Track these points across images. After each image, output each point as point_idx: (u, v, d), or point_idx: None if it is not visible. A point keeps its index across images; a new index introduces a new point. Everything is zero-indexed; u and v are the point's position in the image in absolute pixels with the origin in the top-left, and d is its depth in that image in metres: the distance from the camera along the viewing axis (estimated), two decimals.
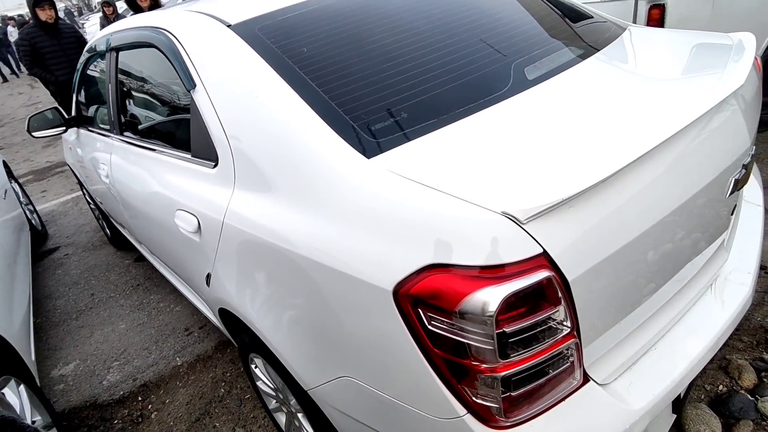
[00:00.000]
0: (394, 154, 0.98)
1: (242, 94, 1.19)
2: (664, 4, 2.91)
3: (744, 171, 1.13)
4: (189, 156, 1.45)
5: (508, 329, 0.75)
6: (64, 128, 2.68)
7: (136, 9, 4.22)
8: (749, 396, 1.60)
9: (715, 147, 1.05)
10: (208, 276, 1.48)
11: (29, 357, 2.08)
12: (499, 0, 1.54)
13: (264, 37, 1.25)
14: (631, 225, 0.86)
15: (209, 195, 1.33)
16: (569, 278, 0.79)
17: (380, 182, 0.91)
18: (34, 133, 2.62)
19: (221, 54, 1.28)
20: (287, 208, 1.06)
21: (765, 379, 1.65)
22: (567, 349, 0.83)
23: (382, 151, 0.98)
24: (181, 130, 1.54)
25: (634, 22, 3.11)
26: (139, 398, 2.18)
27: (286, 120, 1.08)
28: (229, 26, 1.30)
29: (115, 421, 2.09)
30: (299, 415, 1.49)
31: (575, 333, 0.83)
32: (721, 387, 1.67)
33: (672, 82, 1.16)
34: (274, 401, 1.68)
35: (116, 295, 3.00)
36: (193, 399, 2.11)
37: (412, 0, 1.41)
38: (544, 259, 0.76)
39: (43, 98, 9.62)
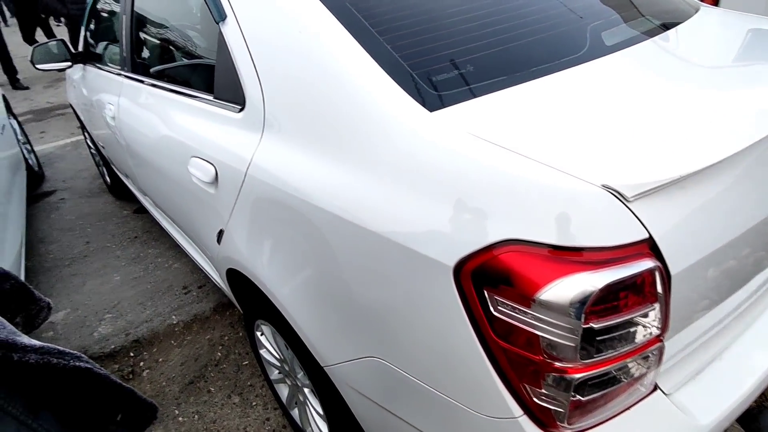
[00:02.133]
0: (459, 109, 0.84)
1: (282, 28, 1.04)
2: None
3: None
4: (211, 98, 1.30)
5: (596, 325, 0.63)
6: (69, 63, 2.50)
7: None
8: None
9: None
10: (220, 233, 1.35)
11: None
12: None
13: None
14: (740, 218, 0.73)
15: (231, 143, 1.19)
16: (672, 272, 0.67)
17: (446, 139, 0.78)
18: (38, 65, 2.44)
19: None
20: (326, 161, 0.92)
21: None
22: (652, 353, 0.71)
23: (444, 106, 0.85)
24: (202, 69, 1.39)
25: None
26: (131, 354, 2.08)
27: (334, 60, 0.94)
28: None
29: None
30: (306, 390, 1.39)
31: (663, 336, 0.71)
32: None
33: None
34: (277, 372, 1.58)
35: (112, 246, 2.87)
36: (187, 360, 2.01)
37: None
38: (648, 247, 0.64)
39: (42, 39, 9.28)
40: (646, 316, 0.67)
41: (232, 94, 1.19)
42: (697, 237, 0.70)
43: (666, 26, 1.22)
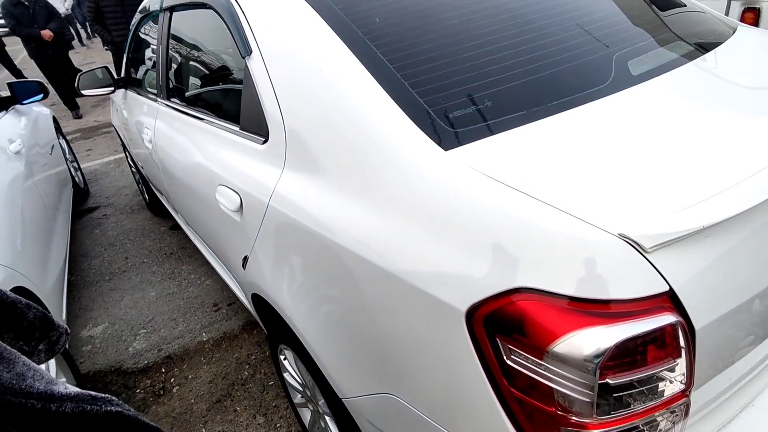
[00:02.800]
0: (475, 148, 0.83)
1: (303, 65, 1.06)
2: (759, 8, 2.62)
3: None
4: (237, 129, 1.34)
5: (613, 381, 0.61)
6: (112, 88, 2.64)
7: None
8: None
9: None
10: (245, 259, 1.38)
11: (60, 316, 2.07)
12: None
13: (332, 2, 1.12)
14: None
15: (255, 173, 1.22)
16: (696, 326, 0.63)
17: (460, 180, 0.77)
18: (82, 91, 2.59)
19: (283, 19, 1.16)
20: (343, 197, 0.93)
21: None
22: (676, 409, 0.68)
23: (460, 144, 0.84)
24: (230, 100, 1.44)
25: None
26: (163, 370, 2.14)
27: (351, 98, 0.95)
28: None
29: (138, 390, 2.06)
30: (327, 418, 1.39)
31: (688, 392, 0.67)
32: None
33: None
34: (300, 396, 1.59)
35: (149, 261, 2.98)
36: (215, 378, 2.05)
37: None
38: (669, 300, 0.61)
39: (97, 58, 9.84)
40: (668, 371, 0.64)
41: (257, 126, 1.22)
42: (723, 288, 0.66)
43: (699, 51, 1.17)
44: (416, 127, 0.86)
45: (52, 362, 1.72)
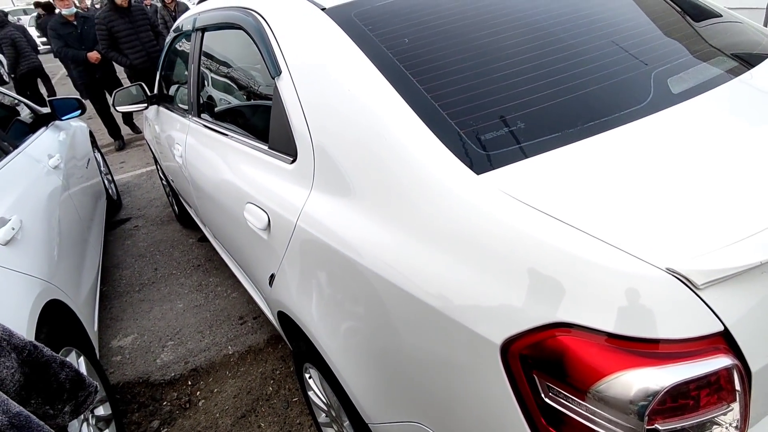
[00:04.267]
0: (508, 171, 0.81)
1: (332, 86, 1.06)
2: None
3: None
4: (266, 147, 1.35)
5: (662, 427, 0.57)
6: (145, 105, 2.72)
7: None
8: None
9: None
10: (272, 276, 1.38)
11: (92, 328, 2.11)
12: None
13: (361, 23, 1.12)
14: None
15: (283, 192, 1.22)
16: (753, 369, 0.59)
17: (492, 205, 0.75)
18: (117, 107, 2.68)
19: (312, 40, 1.16)
20: (372, 220, 0.92)
21: None
22: None
23: (493, 167, 0.82)
24: (260, 119, 1.45)
25: None
26: (189, 383, 2.16)
27: (380, 119, 0.94)
28: (323, 9, 1.18)
29: (164, 403, 2.08)
30: None
31: None
32: None
33: None
34: (325, 415, 1.57)
35: (177, 273, 3.04)
36: (240, 393, 2.05)
37: None
38: (723, 341, 0.57)
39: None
40: (722, 416, 0.59)
41: (285, 146, 1.23)
42: None
43: (742, 66, 1.11)
44: (447, 150, 0.84)
45: (84, 373, 1.75)
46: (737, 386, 0.59)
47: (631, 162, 0.79)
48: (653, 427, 0.57)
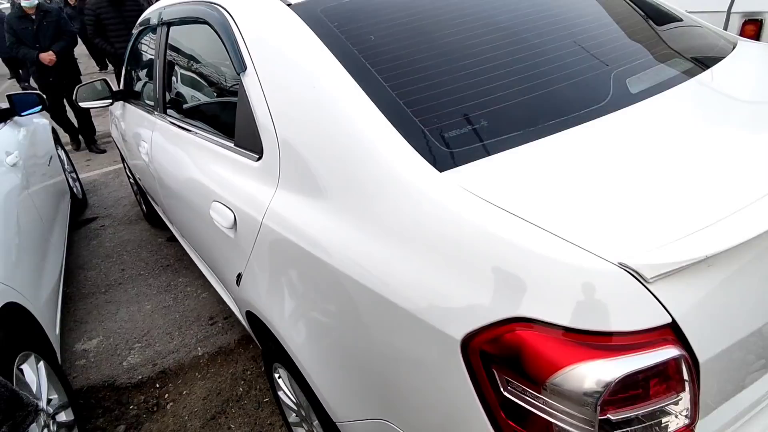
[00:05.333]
0: (471, 169, 0.81)
1: (297, 82, 1.05)
2: (761, 21, 2.61)
3: None
4: (231, 144, 1.33)
5: (614, 417, 0.58)
6: (110, 101, 2.64)
7: None
8: None
9: None
10: (239, 276, 1.36)
11: (53, 331, 2.04)
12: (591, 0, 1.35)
13: (327, 19, 1.11)
14: None
15: (249, 190, 1.20)
16: (700, 359, 0.61)
17: (454, 202, 0.75)
18: (81, 103, 2.59)
19: (278, 36, 1.15)
20: (337, 218, 0.92)
21: None
22: None
23: (456, 165, 0.82)
24: (225, 116, 1.42)
25: None
26: (157, 385, 2.11)
27: (345, 116, 0.94)
28: (289, 5, 1.17)
29: (131, 407, 2.03)
30: None
31: (693, 427, 0.65)
32: None
33: None
34: (295, 415, 1.55)
35: (145, 274, 2.96)
36: (210, 394, 2.02)
37: None
38: (671, 332, 0.59)
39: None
40: (672, 405, 0.61)
41: (251, 143, 1.21)
42: (728, 319, 0.64)
43: (699, 68, 1.15)
44: (411, 147, 0.85)
45: (44, 380, 1.69)
46: (685, 376, 0.61)
47: (589, 160, 0.81)
48: (606, 417, 0.59)
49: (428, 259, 0.74)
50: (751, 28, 2.62)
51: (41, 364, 1.71)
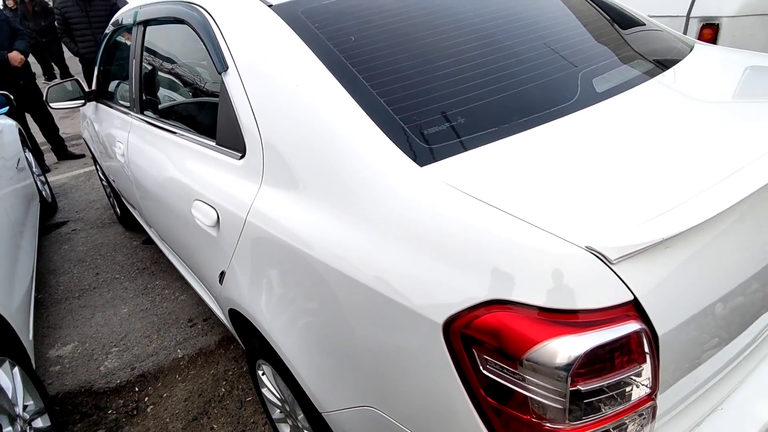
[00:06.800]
0: (449, 164, 0.86)
1: (280, 82, 1.08)
2: (718, 24, 2.76)
3: None
4: (213, 143, 1.34)
5: (583, 387, 0.64)
6: (82, 101, 2.59)
7: None
8: None
9: None
10: (222, 274, 1.37)
11: (27, 337, 1.99)
12: (558, 3, 1.42)
13: (308, 20, 1.14)
14: (729, 273, 0.73)
15: (232, 188, 1.22)
16: (659, 332, 0.67)
17: (436, 196, 0.79)
18: (51, 104, 2.53)
19: (259, 36, 1.17)
20: (322, 213, 0.95)
21: None
22: (643, 412, 0.71)
23: (435, 160, 0.87)
24: (206, 115, 1.43)
25: None
26: (136, 389, 2.09)
27: (328, 115, 0.97)
28: (270, 6, 1.19)
29: (110, 411, 2.00)
30: None
31: (654, 395, 0.71)
32: None
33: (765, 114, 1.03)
34: (279, 411, 1.57)
35: (121, 277, 2.91)
36: (191, 396, 2.01)
37: None
38: (633, 308, 0.65)
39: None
40: (634, 376, 0.67)
41: (233, 142, 1.23)
42: (684, 295, 0.70)
43: (659, 69, 1.23)
44: (392, 144, 0.88)
45: (19, 386, 1.65)
46: (646, 349, 0.67)
47: (559, 153, 0.87)
48: (576, 388, 0.64)
49: (410, 249, 0.78)
50: (709, 31, 2.77)
51: (16, 369, 1.68)
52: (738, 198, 0.72)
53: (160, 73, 1.83)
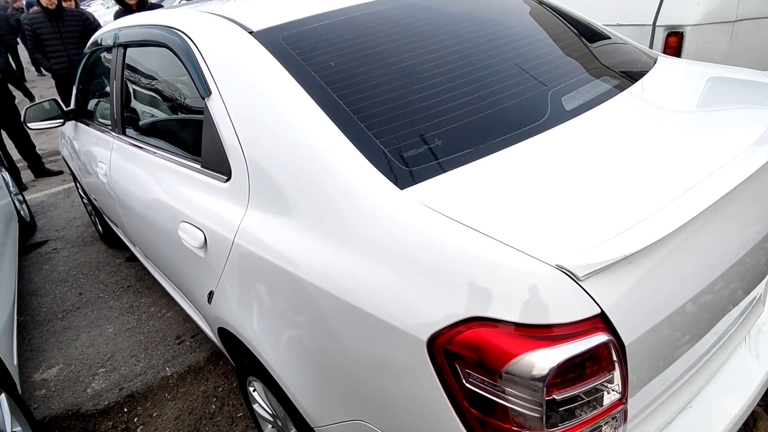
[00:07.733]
0: (429, 185, 0.90)
1: (263, 108, 1.11)
2: (682, 33, 2.88)
3: None
4: (198, 166, 1.36)
5: (558, 396, 0.68)
6: (61, 121, 2.58)
7: (126, 7, 4.16)
8: None
9: None
10: (211, 293, 1.39)
11: (11, 361, 1.97)
12: (527, 23, 1.49)
13: (288, 47, 1.18)
14: (689, 283, 0.79)
15: (219, 210, 1.25)
16: (626, 342, 0.72)
17: (416, 217, 0.84)
18: (30, 124, 2.51)
19: (242, 63, 1.20)
20: (307, 235, 0.98)
21: None
22: (616, 416, 0.76)
23: (415, 182, 0.91)
24: (190, 138, 1.46)
25: (650, 48, 3.08)
26: (125, 410, 2.08)
27: (311, 139, 1.01)
28: (251, 33, 1.23)
29: None
30: None
31: (625, 399, 0.76)
32: None
33: (726, 125, 1.10)
34: (271, 426, 1.59)
35: (105, 296, 2.88)
36: (182, 414, 2.01)
37: (445, 20, 1.34)
38: (600, 321, 0.70)
39: (40, 85, 9.43)
40: (605, 383, 0.72)
41: (219, 165, 1.25)
42: (648, 306, 0.76)
43: (625, 83, 1.30)
44: (373, 168, 0.93)
45: (6, 412, 1.64)
46: (614, 357, 0.72)
47: (530, 173, 0.92)
48: (551, 397, 0.68)
49: (393, 269, 0.82)
50: (674, 39, 2.90)
51: (2, 396, 1.66)
52: (697, 211, 0.78)
53: (141, 94, 1.85)
